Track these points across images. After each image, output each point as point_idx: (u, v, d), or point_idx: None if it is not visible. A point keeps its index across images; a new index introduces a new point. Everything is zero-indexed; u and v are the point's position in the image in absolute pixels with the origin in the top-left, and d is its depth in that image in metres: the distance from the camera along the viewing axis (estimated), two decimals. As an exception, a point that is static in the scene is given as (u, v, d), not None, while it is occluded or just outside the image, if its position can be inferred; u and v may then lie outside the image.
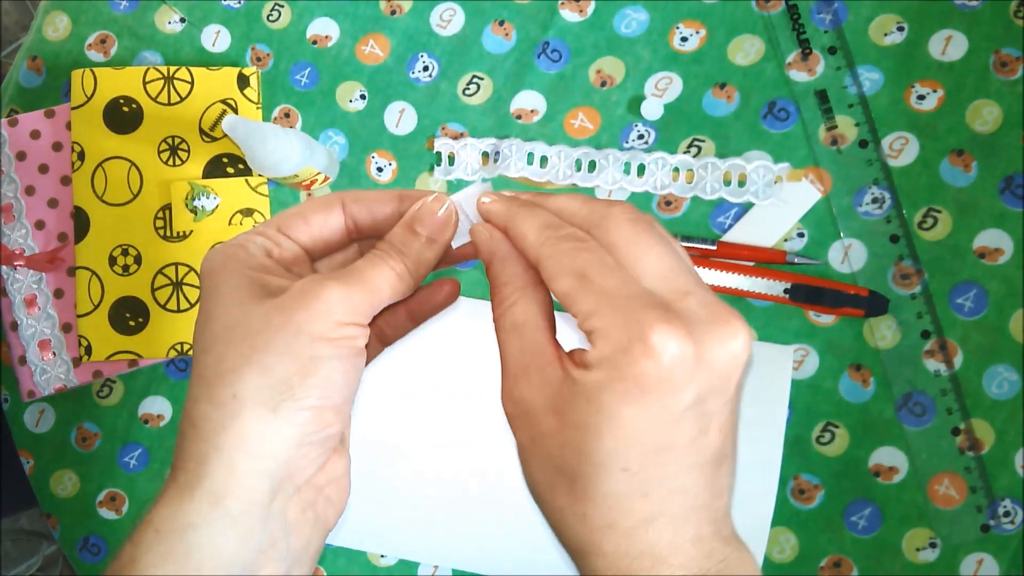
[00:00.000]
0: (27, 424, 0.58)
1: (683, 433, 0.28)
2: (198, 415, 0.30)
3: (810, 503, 0.50)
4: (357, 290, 0.31)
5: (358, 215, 0.35)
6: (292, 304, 0.30)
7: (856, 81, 0.50)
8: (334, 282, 0.31)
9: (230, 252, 0.32)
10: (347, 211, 0.35)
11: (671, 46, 0.52)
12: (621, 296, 0.29)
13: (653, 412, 0.28)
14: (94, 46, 0.59)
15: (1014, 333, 0.48)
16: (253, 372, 0.29)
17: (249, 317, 0.30)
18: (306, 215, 0.34)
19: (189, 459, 0.30)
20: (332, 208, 0.34)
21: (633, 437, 0.28)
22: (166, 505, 0.30)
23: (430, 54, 0.55)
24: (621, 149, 0.53)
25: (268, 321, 0.30)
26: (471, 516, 0.51)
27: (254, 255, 0.33)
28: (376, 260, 0.32)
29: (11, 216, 0.57)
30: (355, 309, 0.31)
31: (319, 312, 0.30)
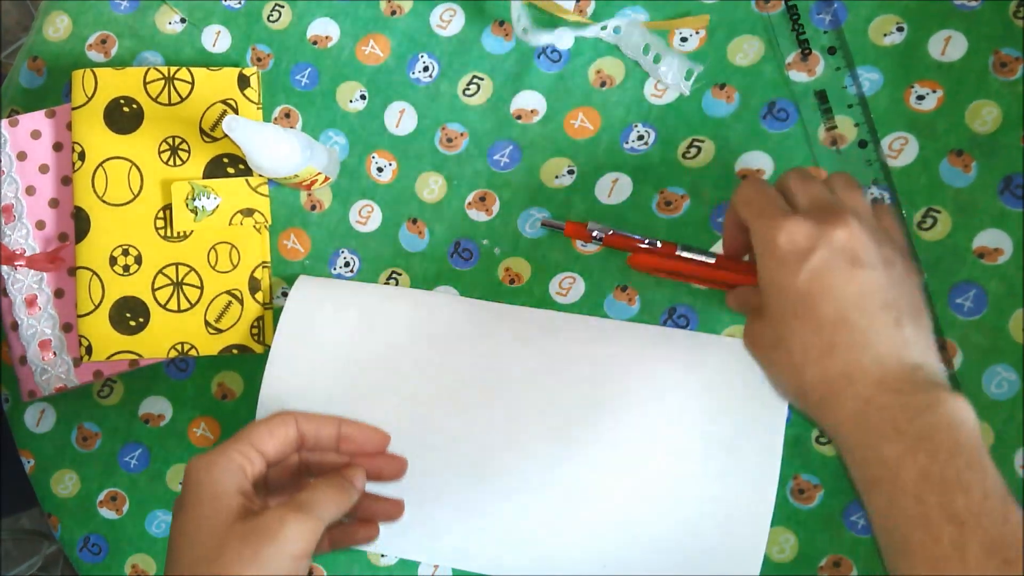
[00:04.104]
0: (28, 424, 0.59)
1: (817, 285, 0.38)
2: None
3: (810, 503, 0.50)
4: (308, 523, 0.40)
5: (306, 431, 0.45)
6: (261, 540, 0.39)
7: (856, 81, 0.50)
8: (293, 516, 0.40)
9: (217, 470, 0.41)
10: (300, 429, 0.44)
11: (671, 46, 0.52)
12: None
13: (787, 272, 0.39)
14: (95, 46, 0.59)
15: (1013, 333, 0.48)
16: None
17: (225, 546, 0.39)
18: (272, 430, 0.43)
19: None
20: (289, 425, 0.44)
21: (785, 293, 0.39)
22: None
23: (430, 54, 0.55)
24: (621, 149, 0.53)
25: (240, 555, 0.39)
26: (471, 516, 0.51)
27: (235, 475, 0.41)
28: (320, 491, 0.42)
29: (12, 216, 0.57)
30: (308, 541, 0.40)
31: (282, 551, 0.39)
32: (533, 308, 0.53)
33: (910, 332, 0.39)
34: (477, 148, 0.54)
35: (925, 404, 0.36)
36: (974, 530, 0.34)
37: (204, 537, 0.40)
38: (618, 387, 0.50)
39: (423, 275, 0.55)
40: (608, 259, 0.53)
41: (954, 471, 0.35)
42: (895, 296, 0.39)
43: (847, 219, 0.39)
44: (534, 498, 0.50)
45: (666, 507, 0.49)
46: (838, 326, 0.38)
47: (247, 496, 0.41)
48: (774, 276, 0.40)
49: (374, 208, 0.56)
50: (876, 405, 0.37)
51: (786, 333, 0.40)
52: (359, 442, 0.46)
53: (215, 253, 0.56)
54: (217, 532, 0.40)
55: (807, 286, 0.39)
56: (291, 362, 0.53)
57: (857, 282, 0.38)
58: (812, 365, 0.39)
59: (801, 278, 0.39)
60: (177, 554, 0.41)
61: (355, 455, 0.47)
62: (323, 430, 0.45)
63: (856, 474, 0.38)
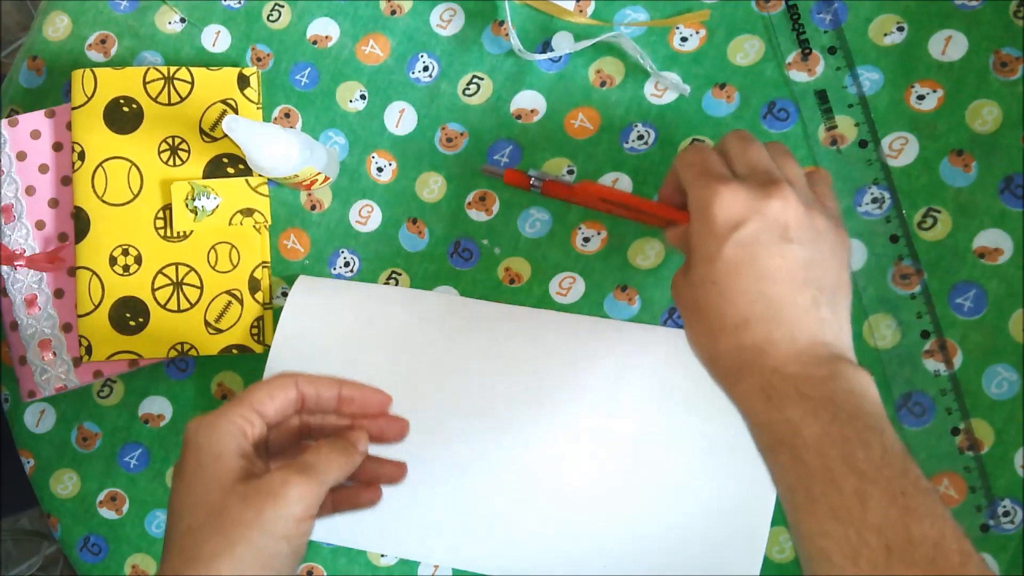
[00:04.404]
0: (27, 424, 0.59)
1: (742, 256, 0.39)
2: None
3: (810, 503, 0.50)
4: (310, 485, 0.39)
5: (307, 393, 0.43)
6: (262, 501, 0.38)
7: (856, 81, 0.50)
8: (296, 478, 0.39)
9: (217, 432, 0.40)
10: (300, 390, 0.43)
11: (671, 46, 0.52)
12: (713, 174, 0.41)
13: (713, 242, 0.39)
14: (94, 46, 0.59)
15: (1014, 333, 0.48)
16: (226, 562, 0.37)
17: (226, 507, 0.38)
18: (272, 392, 0.42)
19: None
20: (290, 386, 0.43)
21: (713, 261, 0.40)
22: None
23: (430, 54, 0.55)
24: (621, 149, 0.53)
25: (242, 515, 0.38)
26: (471, 516, 0.51)
27: (235, 437, 0.40)
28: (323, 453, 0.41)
29: (11, 216, 0.57)
30: (310, 503, 0.39)
31: (283, 512, 0.38)
32: (533, 308, 0.53)
33: (826, 312, 0.39)
34: (477, 148, 0.54)
35: (829, 374, 0.37)
36: (875, 480, 0.34)
37: (204, 499, 0.39)
38: (618, 387, 0.50)
39: (423, 275, 0.55)
40: (608, 259, 0.53)
41: (854, 430, 0.36)
42: (818, 275, 0.39)
43: (783, 190, 0.39)
44: (535, 498, 0.50)
45: (666, 507, 0.49)
46: (756, 300, 0.39)
47: (248, 458, 0.41)
48: (703, 240, 0.40)
49: (374, 208, 0.56)
50: (782, 375, 0.38)
51: (703, 298, 0.40)
52: (360, 404, 0.45)
53: (215, 253, 0.55)
54: (218, 494, 0.39)
55: (732, 255, 0.39)
56: (291, 362, 0.53)
57: (781, 257, 0.39)
58: (726, 335, 0.39)
59: (728, 246, 0.39)
60: (176, 518, 0.40)
61: (356, 417, 0.45)
62: (324, 392, 0.44)
63: (760, 439, 0.39)
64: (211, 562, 0.37)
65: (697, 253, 0.40)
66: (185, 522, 0.39)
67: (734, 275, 0.39)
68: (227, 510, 0.38)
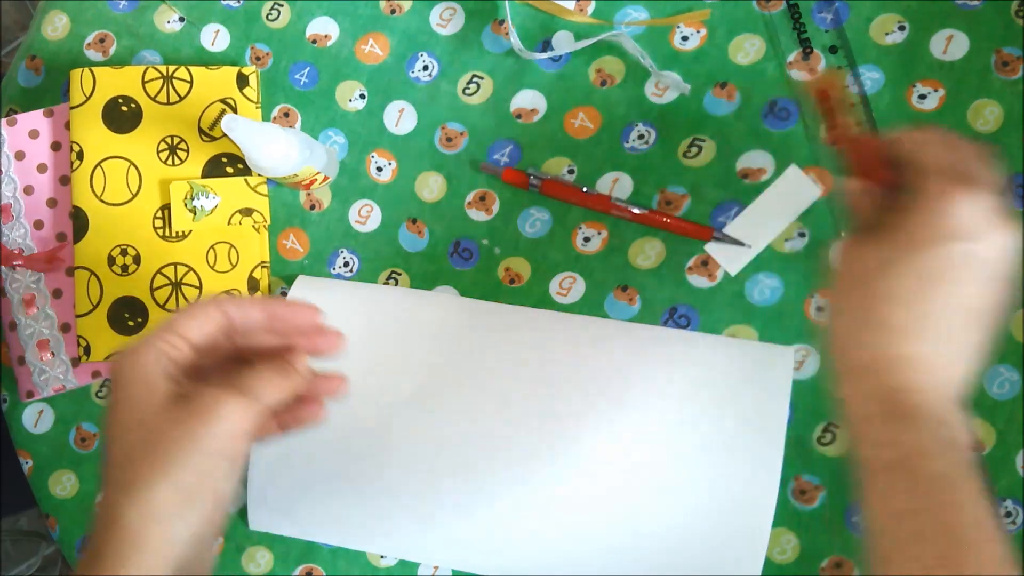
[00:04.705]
0: (26, 424, 0.58)
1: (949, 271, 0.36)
2: (118, 515, 0.37)
3: (811, 504, 0.50)
4: (246, 403, 0.39)
5: (233, 315, 0.42)
6: (196, 421, 0.38)
7: (857, 81, 0.50)
8: (229, 396, 0.38)
9: (142, 360, 0.39)
10: (225, 312, 0.42)
11: (672, 45, 0.52)
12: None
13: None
14: (93, 45, 0.59)
15: (1015, 333, 0.48)
16: (164, 485, 0.37)
17: (160, 431, 0.38)
18: (196, 316, 0.41)
19: (111, 549, 0.37)
20: (214, 310, 0.42)
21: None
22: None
23: (430, 53, 0.55)
24: (621, 149, 0.53)
25: (176, 437, 0.37)
26: (471, 516, 0.51)
27: (161, 362, 0.39)
28: (259, 373, 0.40)
29: (10, 216, 0.57)
30: (246, 421, 0.38)
31: (218, 430, 0.38)
32: (533, 308, 0.53)
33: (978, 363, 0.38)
34: (477, 147, 0.54)
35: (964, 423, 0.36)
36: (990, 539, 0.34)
37: (136, 426, 0.38)
38: (619, 387, 0.50)
39: (423, 275, 0.55)
40: (609, 259, 0.53)
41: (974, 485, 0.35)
42: (991, 324, 0.38)
43: (1013, 229, 0.37)
44: (535, 499, 0.50)
45: (667, 507, 0.49)
46: (935, 319, 0.37)
47: (177, 382, 0.40)
48: (919, 228, 0.37)
49: (373, 208, 0.55)
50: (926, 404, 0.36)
51: (882, 281, 0.37)
52: (291, 321, 0.44)
53: (214, 253, 0.55)
54: (149, 418, 0.38)
55: (941, 264, 0.36)
56: (290, 362, 0.53)
57: (979, 295, 0.37)
58: (883, 330, 0.37)
59: (942, 251, 0.36)
60: (110, 450, 0.39)
61: (289, 335, 0.44)
62: (251, 312, 0.43)
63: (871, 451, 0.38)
64: (149, 487, 0.37)
65: (904, 234, 0.37)
66: (119, 451, 0.39)
67: (929, 282, 0.37)
68: (159, 433, 0.38)
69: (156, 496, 0.37)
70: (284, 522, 0.53)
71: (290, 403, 0.45)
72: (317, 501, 0.52)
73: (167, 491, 0.37)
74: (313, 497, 0.52)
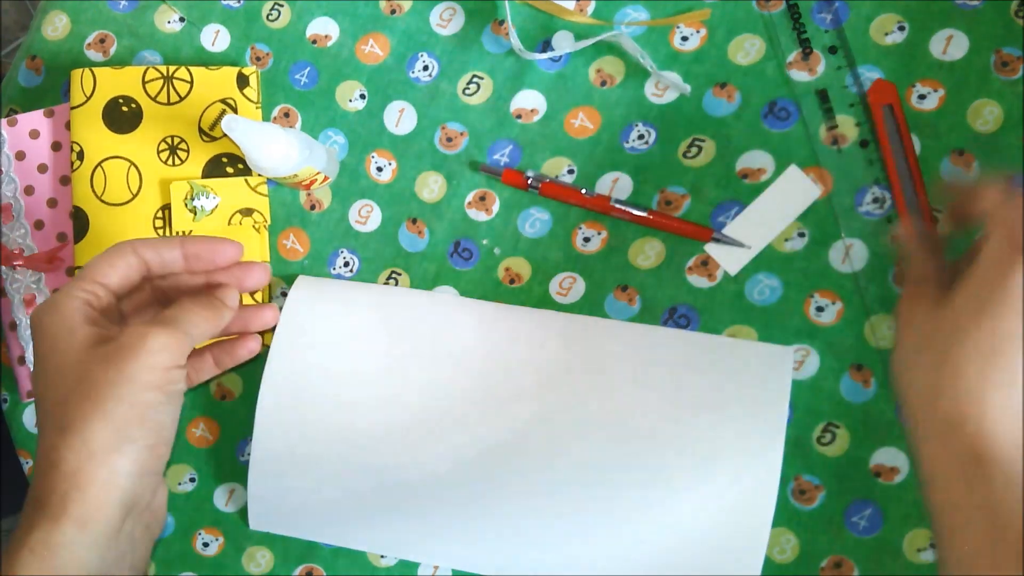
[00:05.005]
0: (26, 424, 0.58)
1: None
2: (56, 458, 0.37)
3: (811, 504, 0.50)
4: (174, 335, 0.39)
5: (148, 257, 0.42)
6: (123, 356, 0.38)
7: (857, 81, 0.50)
8: (155, 330, 0.38)
9: (58, 308, 0.39)
10: (140, 255, 0.42)
11: (671, 45, 0.52)
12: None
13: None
14: (93, 46, 0.59)
15: (1015, 333, 0.48)
16: (98, 421, 0.37)
17: (88, 371, 0.37)
18: (111, 261, 0.41)
19: (53, 493, 0.37)
20: (127, 253, 0.42)
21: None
22: (38, 529, 0.37)
23: (430, 53, 0.55)
24: (621, 149, 0.53)
25: (105, 374, 0.37)
26: (471, 516, 0.51)
27: (79, 309, 0.39)
28: (186, 308, 0.41)
29: (10, 216, 0.57)
30: (174, 353, 0.39)
31: (147, 363, 0.38)
32: (533, 308, 0.53)
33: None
34: (477, 147, 0.54)
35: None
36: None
37: (64, 372, 0.38)
38: (619, 387, 0.50)
39: (423, 275, 0.55)
40: (609, 259, 0.53)
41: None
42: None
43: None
44: (534, 498, 0.50)
45: (666, 507, 0.49)
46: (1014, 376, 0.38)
47: (100, 325, 0.40)
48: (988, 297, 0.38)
49: (373, 208, 0.55)
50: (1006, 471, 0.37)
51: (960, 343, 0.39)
52: (208, 257, 0.44)
53: (214, 253, 0.55)
54: (77, 363, 0.38)
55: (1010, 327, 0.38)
56: (290, 362, 0.53)
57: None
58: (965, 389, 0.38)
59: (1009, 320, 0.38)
60: (42, 402, 0.39)
61: (208, 272, 0.44)
62: (166, 253, 0.43)
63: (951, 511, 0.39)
64: (84, 425, 0.37)
65: (973, 301, 0.39)
66: (51, 399, 0.39)
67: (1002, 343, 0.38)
68: (89, 374, 0.38)
69: (92, 434, 0.37)
70: (284, 522, 0.53)
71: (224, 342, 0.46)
72: (317, 501, 0.52)
73: (103, 427, 0.37)
74: (313, 497, 0.52)
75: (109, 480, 0.37)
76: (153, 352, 0.38)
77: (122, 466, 0.38)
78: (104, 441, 0.37)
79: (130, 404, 0.37)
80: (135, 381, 0.37)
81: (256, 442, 0.52)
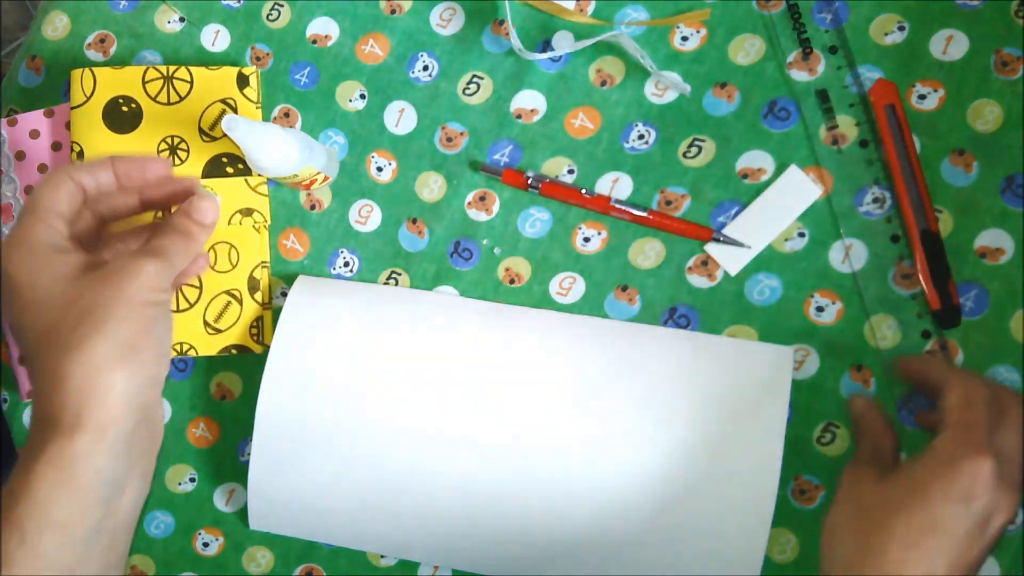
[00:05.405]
0: (26, 424, 0.58)
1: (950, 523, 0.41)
2: (62, 376, 0.38)
3: (811, 504, 0.50)
4: (162, 263, 0.41)
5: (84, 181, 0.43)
6: (119, 279, 0.39)
7: (857, 81, 0.50)
8: (147, 259, 0.40)
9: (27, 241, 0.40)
10: (76, 180, 0.42)
11: (672, 45, 0.52)
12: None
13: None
14: (93, 46, 0.59)
15: (1015, 333, 0.48)
16: (101, 338, 0.38)
17: (80, 295, 0.39)
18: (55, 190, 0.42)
19: (64, 408, 0.38)
20: (65, 179, 0.42)
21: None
22: (52, 444, 0.37)
23: (430, 53, 0.55)
24: (621, 149, 0.53)
25: (100, 296, 0.39)
26: (471, 516, 0.51)
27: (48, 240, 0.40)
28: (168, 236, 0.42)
29: (10, 216, 0.57)
30: (163, 280, 0.41)
31: (142, 285, 0.39)
32: (533, 308, 0.53)
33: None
34: (477, 147, 0.54)
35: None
36: None
37: (55, 297, 0.39)
38: (619, 387, 0.50)
39: (423, 275, 0.55)
40: (609, 259, 0.53)
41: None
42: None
43: (1014, 504, 0.41)
44: (534, 498, 0.50)
45: (666, 507, 0.49)
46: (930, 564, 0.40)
47: (73, 252, 0.41)
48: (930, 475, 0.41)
49: (374, 208, 0.55)
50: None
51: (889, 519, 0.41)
52: (140, 175, 0.44)
53: (214, 253, 0.55)
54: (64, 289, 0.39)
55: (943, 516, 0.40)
56: (290, 362, 0.53)
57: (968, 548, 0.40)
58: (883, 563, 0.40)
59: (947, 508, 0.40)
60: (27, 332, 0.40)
61: (142, 189, 0.45)
62: (100, 174, 0.43)
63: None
64: (87, 344, 0.38)
65: (915, 483, 0.41)
66: (40, 326, 0.39)
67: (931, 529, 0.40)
68: (81, 298, 0.39)
69: (97, 350, 0.38)
70: (284, 522, 0.53)
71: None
72: (317, 501, 0.52)
73: (106, 344, 0.38)
74: (313, 497, 0.52)
75: (121, 389, 0.39)
76: (149, 275, 0.40)
77: (131, 375, 0.39)
78: (110, 355, 0.38)
79: (130, 323, 0.39)
80: (133, 300, 0.39)
81: (256, 442, 0.52)
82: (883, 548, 0.40)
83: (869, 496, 0.43)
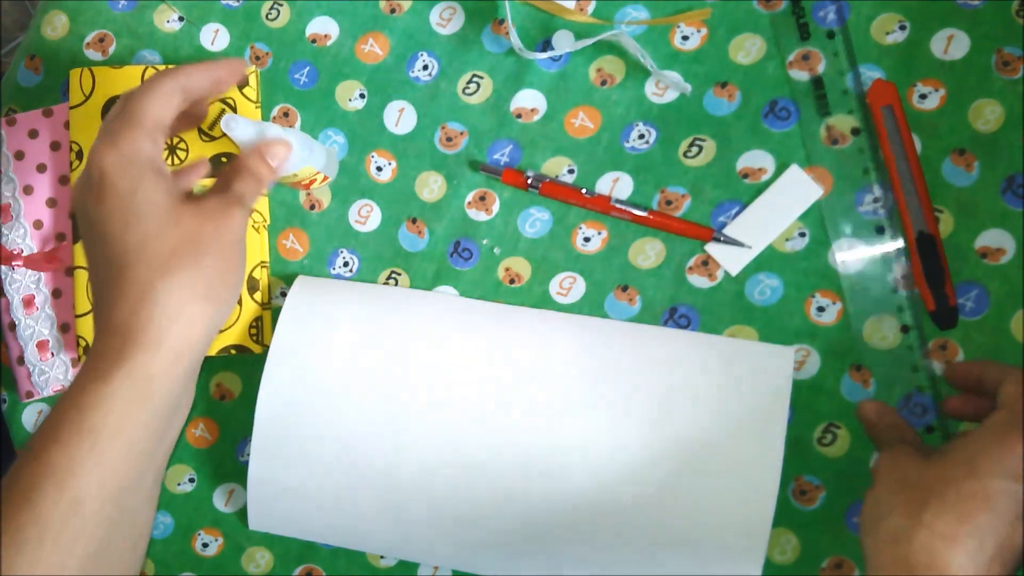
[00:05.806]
0: (25, 424, 0.58)
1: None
2: (157, 292, 0.39)
3: (811, 504, 0.50)
4: (246, 211, 0.43)
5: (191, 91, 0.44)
6: (218, 219, 0.41)
7: (857, 80, 0.50)
8: (238, 207, 0.43)
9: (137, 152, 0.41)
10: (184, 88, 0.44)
11: (672, 45, 0.52)
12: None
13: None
14: (92, 45, 0.59)
15: (1015, 333, 0.48)
16: (200, 271, 0.40)
17: (184, 221, 0.41)
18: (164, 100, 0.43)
19: (150, 324, 0.39)
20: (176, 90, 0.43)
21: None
22: (131, 359, 0.39)
23: (430, 53, 0.55)
24: (622, 148, 0.53)
25: (203, 229, 0.41)
26: (471, 516, 0.51)
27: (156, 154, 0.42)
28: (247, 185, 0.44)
29: (9, 216, 0.57)
30: (245, 224, 0.43)
31: (233, 227, 0.42)
32: (533, 308, 0.53)
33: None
34: (477, 147, 0.54)
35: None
36: None
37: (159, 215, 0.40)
38: (618, 387, 0.50)
39: (423, 275, 0.55)
40: (609, 259, 0.53)
41: None
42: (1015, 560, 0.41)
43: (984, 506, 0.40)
44: (534, 499, 0.50)
45: (666, 507, 0.49)
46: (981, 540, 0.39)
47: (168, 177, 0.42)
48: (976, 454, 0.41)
49: (373, 208, 0.55)
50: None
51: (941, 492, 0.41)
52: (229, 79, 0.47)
53: (214, 253, 0.55)
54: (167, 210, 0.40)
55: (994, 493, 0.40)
56: (290, 362, 0.53)
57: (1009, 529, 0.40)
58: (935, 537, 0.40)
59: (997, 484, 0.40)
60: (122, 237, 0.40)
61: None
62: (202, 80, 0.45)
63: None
64: (182, 270, 0.39)
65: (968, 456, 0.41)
66: (133, 237, 0.40)
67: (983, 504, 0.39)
68: (183, 224, 0.40)
69: (194, 279, 0.40)
70: (283, 522, 0.53)
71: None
72: (317, 501, 0.52)
73: (202, 276, 0.40)
74: (313, 497, 0.52)
75: (206, 321, 0.40)
76: (237, 219, 0.42)
77: (215, 310, 0.41)
78: (202, 286, 0.40)
79: (221, 258, 0.41)
80: (224, 240, 0.41)
81: (256, 442, 0.52)
82: (933, 522, 0.40)
83: (915, 472, 0.42)
